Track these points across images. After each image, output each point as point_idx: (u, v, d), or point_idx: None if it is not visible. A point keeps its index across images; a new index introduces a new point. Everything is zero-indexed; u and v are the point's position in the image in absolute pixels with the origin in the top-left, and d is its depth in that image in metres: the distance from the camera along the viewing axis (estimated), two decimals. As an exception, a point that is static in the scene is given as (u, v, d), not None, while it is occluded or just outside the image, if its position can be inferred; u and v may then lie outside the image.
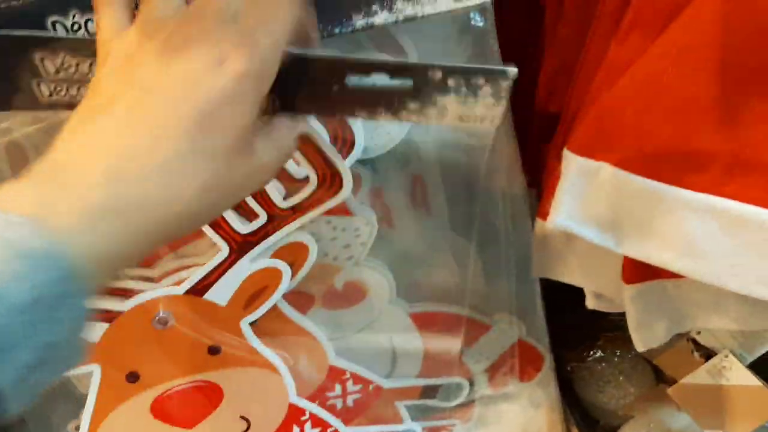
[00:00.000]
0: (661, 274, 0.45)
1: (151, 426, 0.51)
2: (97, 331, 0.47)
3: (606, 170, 0.41)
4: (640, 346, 0.49)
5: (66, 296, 0.27)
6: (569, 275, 0.52)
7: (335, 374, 0.54)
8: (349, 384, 0.55)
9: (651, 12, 0.40)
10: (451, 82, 0.34)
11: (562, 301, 0.57)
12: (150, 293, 0.47)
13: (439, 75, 0.34)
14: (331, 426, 0.56)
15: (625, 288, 0.47)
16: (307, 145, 0.41)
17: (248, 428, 0.54)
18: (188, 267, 0.47)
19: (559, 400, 0.64)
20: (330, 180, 0.44)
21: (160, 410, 0.51)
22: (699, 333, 0.55)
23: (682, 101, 0.38)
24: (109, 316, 0.47)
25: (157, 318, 0.47)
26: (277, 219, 0.45)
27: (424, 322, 0.55)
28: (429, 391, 0.59)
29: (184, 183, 0.30)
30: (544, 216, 0.46)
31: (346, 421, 0.56)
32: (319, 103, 0.36)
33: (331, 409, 0.56)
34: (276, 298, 0.48)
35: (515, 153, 0.49)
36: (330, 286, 0.51)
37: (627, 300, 0.47)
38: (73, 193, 0.28)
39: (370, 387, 0.56)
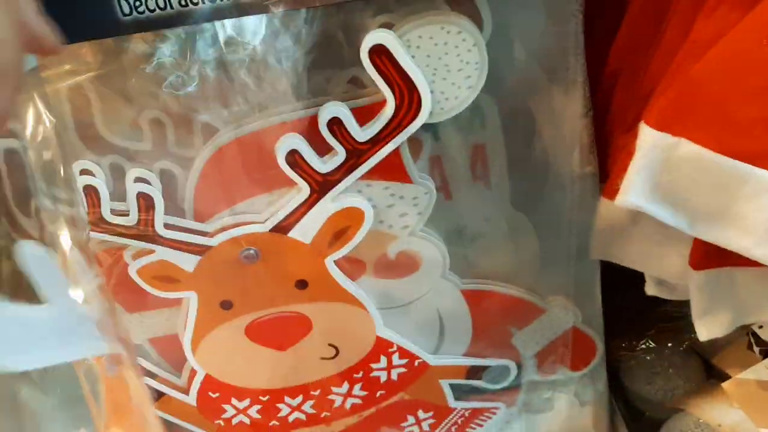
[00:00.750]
0: (732, 260, 0.43)
1: (247, 346, 0.53)
2: (191, 261, 0.49)
3: (685, 147, 0.39)
4: (703, 335, 0.47)
5: None
6: (631, 259, 0.50)
7: (381, 346, 0.54)
8: (395, 357, 0.55)
9: (742, -16, 0.38)
10: None
11: (615, 286, 0.56)
12: (236, 230, 0.47)
13: None
14: (418, 358, 0.56)
15: (693, 274, 0.45)
16: (383, 58, 0.40)
17: (337, 354, 0.54)
18: (244, 224, 0.47)
19: (607, 395, 0.62)
20: (408, 101, 0.42)
21: (253, 334, 0.53)
22: (761, 327, 0.53)
23: (773, 79, 0.37)
24: (200, 249, 0.48)
25: (243, 254, 0.48)
26: (356, 154, 0.44)
27: (476, 300, 0.53)
28: (475, 372, 0.58)
29: None
30: (611, 195, 0.44)
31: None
32: None
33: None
34: (359, 237, 0.47)
35: (586, 130, 0.47)
36: (383, 255, 0.50)
37: (693, 287, 0.46)
38: None
39: (416, 362, 0.56)
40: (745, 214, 0.38)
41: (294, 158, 0.44)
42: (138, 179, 0.45)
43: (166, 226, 0.47)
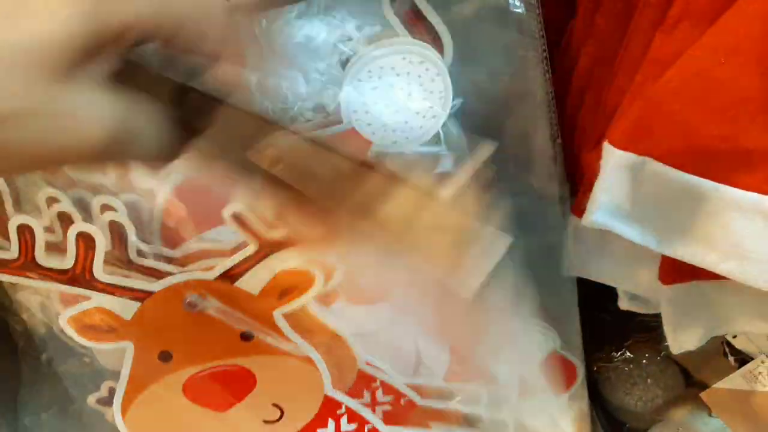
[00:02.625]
0: (700, 275, 0.43)
1: (184, 407, 0.51)
2: (129, 308, 0.47)
3: (649, 165, 0.39)
4: (675, 349, 0.48)
5: None
6: (603, 275, 0.50)
7: (329, 407, 0.53)
8: (343, 421, 0.54)
9: (702, 2, 0.38)
10: None
11: (590, 300, 0.56)
12: (180, 276, 0.46)
13: None
14: (368, 422, 0.54)
15: (663, 289, 0.45)
16: None
17: (282, 416, 0.52)
18: (212, 252, 0.46)
19: (589, 414, 0.62)
20: None
21: (192, 392, 0.51)
22: (734, 337, 0.54)
23: (733, 96, 0.37)
24: (140, 295, 0.47)
25: (187, 301, 0.47)
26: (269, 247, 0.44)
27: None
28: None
29: None
30: (580, 213, 0.44)
31: (385, 421, 0.55)
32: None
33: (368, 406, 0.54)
34: (308, 298, 0.47)
35: (555, 150, 0.47)
36: (353, 281, 0.49)
37: (664, 301, 0.46)
38: None
39: (366, 428, 0.54)
40: (710, 231, 0.39)
41: (240, 219, 0.44)
42: (105, 207, 0.45)
43: (106, 270, 0.45)
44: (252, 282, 0.46)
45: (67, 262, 0.45)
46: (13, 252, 0.45)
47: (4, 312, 0.54)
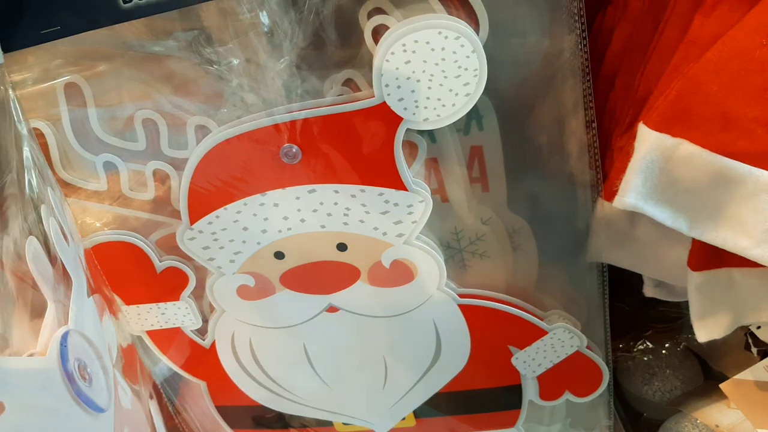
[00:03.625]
0: (730, 261, 0.43)
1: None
2: None
3: (685, 148, 0.39)
4: (701, 337, 0.47)
5: None
6: (629, 261, 0.50)
7: None
8: None
9: (742, -17, 0.38)
10: None
11: (611, 289, 0.55)
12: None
13: None
14: None
15: (691, 275, 0.45)
16: None
17: None
18: None
19: (612, 419, 0.61)
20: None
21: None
22: (759, 327, 0.53)
23: (772, 80, 0.36)
24: None
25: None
26: None
27: (475, 317, 0.52)
28: None
29: None
30: (609, 196, 0.44)
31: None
32: None
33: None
34: None
35: (583, 131, 0.46)
36: (377, 262, 0.49)
37: (692, 288, 0.45)
38: None
39: None
40: (742, 215, 0.38)
41: None
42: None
43: None
44: None
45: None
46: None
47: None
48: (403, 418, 0.60)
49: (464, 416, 0.60)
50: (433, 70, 0.40)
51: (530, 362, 0.55)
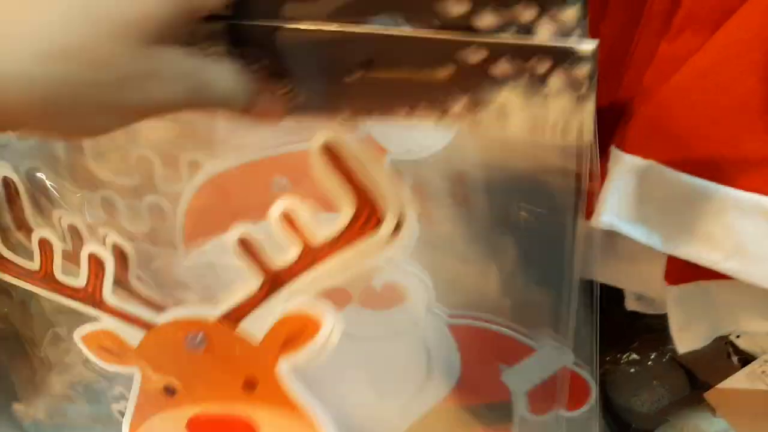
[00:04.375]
0: (705, 274, 0.45)
1: None
2: (136, 336, 0.46)
3: (654, 168, 0.41)
4: (681, 348, 0.49)
5: None
6: (610, 276, 0.51)
7: None
8: None
9: (704, 9, 0.40)
10: (500, 67, 0.24)
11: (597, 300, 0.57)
12: (183, 310, 0.45)
13: (481, 56, 0.24)
14: None
15: (668, 289, 0.46)
16: (340, 164, 0.36)
17: None
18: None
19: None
20: (368, 214, 0.39)
21: (196, 430, 0.49)
22: (738, 336, 0.55)
23: (735, 101, 0.38)
24: (144, 324, 0.46)
25: (190, 337, 0.45)
26: (312, 254, 0.41)
27: (464, 336, 0.53)
28: None
29: (36, 29, 0.25)
30: (588, 215, 0.46)
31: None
32: (339, 98, 0.29)
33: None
34: (315, 346, 0.44)
35: (564, 151, 0.48)
36: (368, 286, 0.50)
37: (670, 301, 0.47)
38: None
39: None
40: (713, 230, 0.40)
41: (246, 246, 0.41)
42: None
43: (117, 288, 0.45)
44: (255, 325, 0.44)
45: (81, 280, 0.45)
46: (35, 265, 0.45)
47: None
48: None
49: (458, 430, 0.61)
50: None
51: (519, 379, 0.55)
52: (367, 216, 0.39)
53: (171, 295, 0.47)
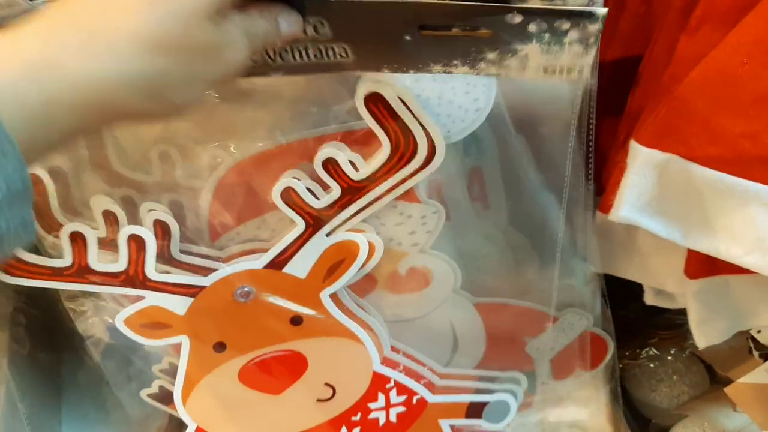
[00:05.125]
0: (725, 269, 0.45)
1: (240, 392, 0.53)
2: (183, 304, 0.48)
3: (675, 162, 0.41)
4: (701, 343, 0.49)
5: None
6: (630, 271, 0.52)
7: (379, 383, 0.54)
8: (393, 394, 0.55)
9: (723, 4, 0.40)
10: (532, 27, 0.31)
11: (616, 297, 0.57)
12: (230, 267, 0.47)
13: (518, 19, 0.31)
14: (417, 393, 0.56)
15: (688, 283, 0.46)
16: (378, 105, 0.40)
17: (334, 394, 0.54)
18: (256, 251, 0.47)
19: (619, 393, 0.63)
20: (403, 147, 0.42)
21: (247, 378, 0.52)
22: (759, 332, 0.55)
23: (755, 95, 0.38)
24: (193, 290, 0.48)
25: (238, 291, 0.48)
26: (350, 192, 0.44)
27: (489, 312, 0.54)
28: (475, 409, 0.58)
29: (130, 31, 0.28)
30: (607, 209, 0.46)
31: (433, 390, 0.56)
32: (388, 54, 0.34)
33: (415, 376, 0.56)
34: (354, 270, 0.48)
35: (578, 147, 0.48)
36: (394, 271, 0.50)
37: (690, 295, 0.47)
38: (14, 45, 0.28)
39: (414, 399, 0.56)
40: (733, 225, 0.40)
41: (289, 194, 0.44)
42: (151, 210, 0.46)
43: (161, 263, 0.46)
44: (300, 265, 0.47)
45: (120, 264, 0.46)
46: (66, 260, 0.46)
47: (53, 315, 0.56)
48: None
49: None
50: (441, 88, 0.42)
51: (543, 348, 0.57)
52: (401, 153, 0.42)
53: (216, 258, 0.48)
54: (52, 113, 0.28)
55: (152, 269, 0.46)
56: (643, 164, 0.42)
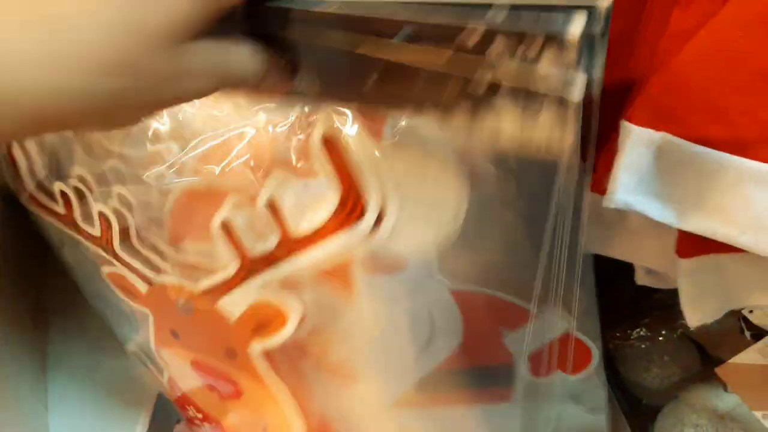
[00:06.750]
0: (717, 247, 0.44)
1: (195, 376, 0.54)
2: (142, 284, 0.49)
3: (668, 141, 0.39)
4: (692, 322, 0.48)
5: None
6: (619, 251, 0.51)
7: None
8: None
9: (719, -24, 0.38)
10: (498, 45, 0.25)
11: (606, 277, 0.56)
12: (173, 277, 0.47)
13: (474, 39, 0.25)
14: None
15: (680, 262, 0.45)
16: (333, 149, 0.37)
17: None
18: (199, 269, 0.46)
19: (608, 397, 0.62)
20: (353, 203, 0.39)
21: (198, 369, 0.53)
22: (751, 312, 0.54)
23: (751, 69, 0.37)
24: (146, 279, 0.49)
25: (180, 301, 0.48)
26: (289, 244, 0.41)
27: (466, 301, 0.53)
28: None
29: (86, 46, 0.26)
30: (598, 190, 0.45)
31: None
32: (355, 92, 0.31)
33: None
34: (284, 336, 0.45)
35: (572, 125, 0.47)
36: (371, 251, 0.48)
37: (681, 275, 0.46)
38: None
39: None
40: (729, 204, 0.39)
41: (228, 228, 0.42)
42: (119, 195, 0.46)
43: (122, 245, 0.47)
44: (230, 307, 0.45)
45: (95, 230, 0.47)
46: (60, 208, 0.48)
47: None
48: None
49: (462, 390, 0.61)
50: None
51: (521, 343, 0.55)
52: (351, 206, 0.39)
53: (166, 262, 0.48)
54: None
55: (118, 245, 0.47)
56: (635, 144, 0.41)
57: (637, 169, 0.41)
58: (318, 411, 0.52)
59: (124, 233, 0.47)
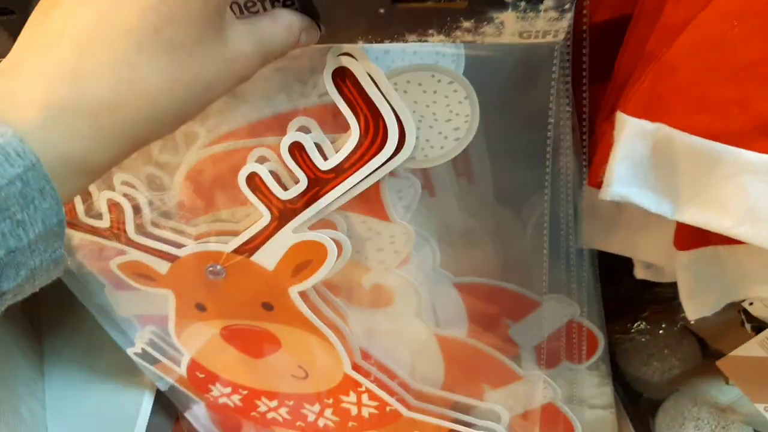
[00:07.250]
0: (715, 239, 0.44)
1: (224, 346, 0.54)
2: (163, 265, 0.49)
3: (663, 131, 0.39)
4: (692, 315, 0.48)
5: (28, 195, 0.26)
6: (618, 245, 0.51)
7: (350, 383, 0.54)
8: (365, 398, 0.55)
9: (711, -33, 0.38)
10: None
11: (606, 272, 0.56)
12: (200, 246, 0.47)
13: None
14: (390, 405, 0.55)
15: (678, 255, 0.45)
16: (347, 83, 0.38)
17: (307, 376, 0.54)
18: (226, 233, 0.47)
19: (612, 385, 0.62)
20: (373, 131, 0.40)
21: (228, 338, 0.54)
22: (751, 304, 0.54)
23: (745, 60, 0.37)
24: (168, 257, 0.48)
25: (209, 269, 0.48)
26: (318, 183, 0.42)
27: (469, 293, 0.53)
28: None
29: (149, 78, 0.28)
30: (594, 183, 0.45)
31: (407, 406, 0.56)
32: (362, 26, 0.33)
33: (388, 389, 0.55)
34: (323, 272, 0.46)
35: (567, 121, 0.47)
36: (357, 284, 0.50)
37: (680, 267, 0.46)
38: (34, 88, 0.27)
39: (387, 409, 0.55)
40: (724, 195, 0.39)
41: (254, 181, 0.43)
42: (123, 183, 0.46)
43: (138, 230, 0.47)
44: (267, 257, 0.46)
45: (104, 222, 0.47)
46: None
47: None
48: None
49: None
50: (423, 112, 0.40)
51: (526, 333, 0.56)
52: (372, 135, 0.40)
53: (188, 234, 0.48)
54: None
55: (132, 231, 0.47)
56: (631, 136, 0.40)
57: (633, 161, 0.41)
58: (358, 343, 0.53)
59: (138, 216, 0.47)
